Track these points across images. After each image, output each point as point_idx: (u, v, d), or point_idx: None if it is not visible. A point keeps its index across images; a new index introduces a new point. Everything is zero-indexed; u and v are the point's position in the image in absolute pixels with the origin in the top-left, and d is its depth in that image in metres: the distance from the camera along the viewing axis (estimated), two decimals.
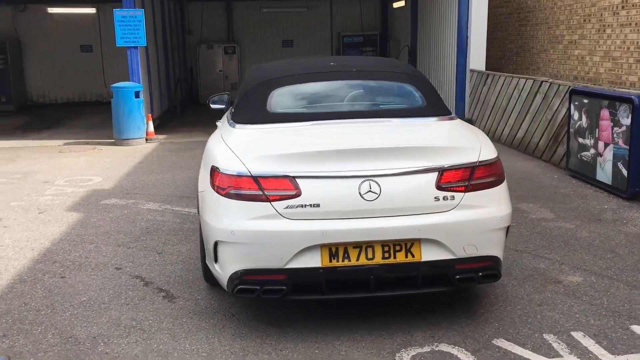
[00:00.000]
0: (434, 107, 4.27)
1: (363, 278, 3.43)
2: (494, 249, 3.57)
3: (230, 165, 3.51)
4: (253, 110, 4.16)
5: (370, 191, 3.36)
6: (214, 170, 3.60)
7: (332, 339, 3.56)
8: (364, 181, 3.38)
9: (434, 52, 12.97)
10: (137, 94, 10.58)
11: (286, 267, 3.36)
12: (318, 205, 3.36)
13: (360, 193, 3.36)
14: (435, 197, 3.43)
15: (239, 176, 3.44)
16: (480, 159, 3.56)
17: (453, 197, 3.45)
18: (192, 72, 17.94)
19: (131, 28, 10.77)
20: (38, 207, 6.62)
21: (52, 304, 4.13)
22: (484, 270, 3.56)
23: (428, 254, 3.43)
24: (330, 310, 3.89)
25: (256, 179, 3.40)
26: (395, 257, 3.40)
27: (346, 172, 3.39)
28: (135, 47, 10.87)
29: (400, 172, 3.43)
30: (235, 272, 3.43)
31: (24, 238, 5.55)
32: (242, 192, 3.41)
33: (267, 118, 4.08)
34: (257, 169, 3.43)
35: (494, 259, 3.57)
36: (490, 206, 3.54)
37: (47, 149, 10.43)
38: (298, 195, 3.36)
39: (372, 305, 3.91)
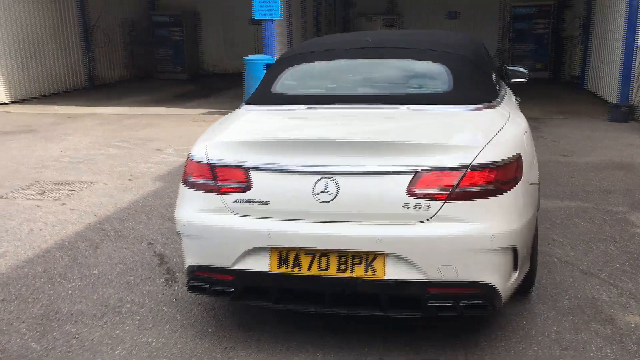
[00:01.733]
0: (463, 93, 3.56)
1: (316, 290, 2.98)
2: (484, 275, 2.88)
3: (197, 150, 3.24)
4: (261, 90, 3.83)
5: (325, 191, 2.87)
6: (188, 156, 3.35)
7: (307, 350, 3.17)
8: (321, 179, 2.89)
9: (603, 26, 11.31)
10: (267, 67, 10.64)
11: (234, 267, 3.02)
12: (267, 203, 2.96)
13: (314, 193, 2.89)
14: (404, 205, 2.83)
15: (199, 163, 3.15)
16: (475, 161, 2.86)
17: (428, 207, 2.82)
18: None
19: (268, 1, 10.82)
20: (132, 174, 6.93)
21: (66, 274, 4.22)
22: (467, 299, 2.88)
23: (393, 272, 2.86)
24: (316, 318, 3.47)
25: (212, 167, 3.09)
26: (352, 271, 2.89)
27: (300, 167, 2.93)
28: (271, 20, 10.91)
29: (363, 172, 2.88)
30: (189, 266, 3.18)
31: (97, 203, 5.82)
32: (197, 180, 3.12)
33: (269, 99, 3.72)
34: (215, 156, 3.11)
35: (482, 287, 2.88)
36: (479, 221, 2.84)
37: (184, 117, 10.97)
38: (248, 189, 2.99)
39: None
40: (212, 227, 3.03)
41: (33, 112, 12.02)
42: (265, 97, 3.74)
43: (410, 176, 2.84)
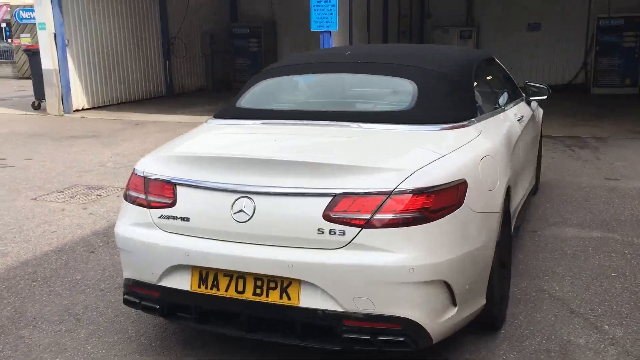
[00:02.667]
0: (425, 112, 3.36)
1: (233, 313, 2.87)
2: (404, 310, 2.66)
3: (139, 164, 3.23)
4: (229, 104, 3.79)
5: (242, 211, 2.77)
6: None
7: None
8: (239, 198, 2.79)
9: None
10: None
11: (159, 284, 2.98)
12: (188, 220, 2.89)
13: (231, 212, 2.79)
14: (319, 230, 2.67)
15: (137, 176, 3.15)
16: (400, 187, 2.66)
17: (343, 233, 2.65)
18: None
19: (325, 13, 10.80)
20: None
21: (50, 277, 4.36)
22: (385, 334, 2.68)
23: (308, 300, 2.71)
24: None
25: (146, 181, 3.07)
26: (267, 296, 2.76)
27: (220, 185, 2.85)
28: (328, 32, 10.88)
29: (280, 192, 2.75)
30: (125, 279, 3.18)
31: (116, 209, 5.99)
32: (134, 194, 3.12)
33: (231, 113, 3.68)
34: (150, 170, 3.10)
35: (402, 322, 2.66)
36: (398, 251, 2.63)
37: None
38: (173, 204, 2.94)
39: None
40: (140, 242, 3.01)
41: (105, 118, 12.65)
42: (229, 111, 3.69)
43: (328, 199, 2.68)
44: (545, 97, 5.22)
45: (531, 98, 5.19)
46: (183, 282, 2.91)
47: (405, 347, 2.71)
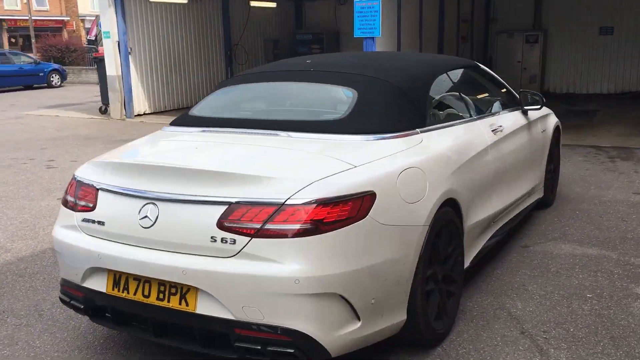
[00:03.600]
0: (359, 121, 3.31)
1: (141, 317, 2.95)
2: (295, 321, 2.64)
3: (79, 168, 3.39)
4: (185, 112, 3.89)
5: (146, 217, 2.85)
6: None
7: None
8: (146, 204, 2.87)
9: None
10: None
11: (82, 284, 3.11)
12: (103, 224, 3.01)
13: (138, 217, 2.87)
14: (212, 238, 2.70)
15: (73, 180, 3.30)
16: (293, 197, 2.64)
17: (234, 242, 2.67)
18: (491, 62, 16.91)
19: (368, 19, 10.75)
20: None
21: (36, 274, 4.62)
22: (275, 345, 2.67)
23: (204, 307, 2.74)
24: None
25: (78, 185, 3.22)
26: (169, 301, 2.82)
27: (131, 191, 2.94)
28: (371, 38, 10.82)
29: (180, 200, 2.80)
30: (60, 279, 3.33)
31: None
32: (67, 197, 3.27)
33: (182, 121, 3.77)
34: (82, 174, 3.24)
35: (292, 334, 2.64)
36: (286, 262, 2.61)
37: None
38: (93, 209, 3.07)
39: None
40: (66, 243, 3.15)
41: (163, 122, 13.14)
42: (182, 119, 3.79)
43: (223, 208, 2.71)
44: (539, 107, 4.98)
45: (525, 108, 4.96)
46: (101, 284, 3.02)
47: (294, 359, 2.69)
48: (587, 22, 15.65)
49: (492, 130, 4.22)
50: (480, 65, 4.77)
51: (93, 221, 3.05)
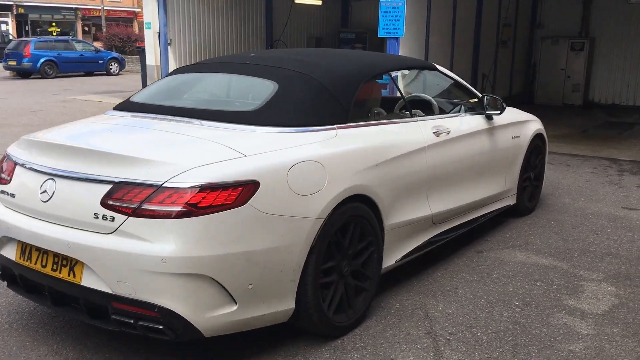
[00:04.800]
0: (272, 114, 3.41)
1: (40, 285, 3.15)
2: (163, 299, 2.77)
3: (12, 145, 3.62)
4: (129, 97, 4.08)
5: (45, 191, 3.05)
6: None
7: None
8: (47, 179, 3.08)
9: None
10: None
11: (0, 252, 3.33)
12: (14, 196, 3.23)
13: (39, 191, 3.07)
14: (95, 214, 2.87)
15: (4, 154, 3.53)
16: (170, 181, 2.78)
17: (113, 219, 2.82)
18: (534, 69, 16.50)
19: (392, 19, 10.73)
20: None
21: None
22: (144, 320, 2.81)
23: (88, 279, 2.91)
24: None
25: (5, 158, 3.45)
26: (60, 272, 3.01)
27: (35, 166, 3.16)
28: (395, 39, 10.81)
29: (72, 177, 2.99)
30: None
31: None
32: None
33: (121, 106, 3.95)
34: (10, 150, 3.48)
35: (160, 311, 2.78)
36: (156, 241, 2.75)
37: None
38: (9, 181, 3.29)
39: None
40: None
41: None
42: (122, 104, 3.97)
43: (108, 186, 2.87)
44: (499, 112, 4.91)
45: (487, 112, 4.90)
46: (12, 253, 3.24)
47: (164, 335, 2.83)
48: (637, 31, 15.04)
49: (435, 132, 4.22)
50: (439, 67, 4.75)
51: (7, 193, 3.27)
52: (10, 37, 34.11)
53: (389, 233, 3.77)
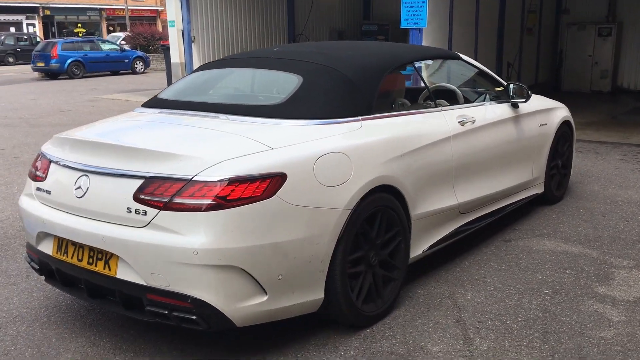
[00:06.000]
0: (297, 107, 3.45)
1: (76, 279, 3.24)
2: (196, 290, 2.84)
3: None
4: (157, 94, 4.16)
5: (80, 187, 3.13)
6: None
7: None
8: (81, 176, 3.16)
9: None
10: None
11: (37, 247, 3.43)
12: (49, 193, 3.32)
13: (74, 187, 3.16)
14: (127, 208, 2.94)
15: (39, 152, 3.63)
16: (199, 175, 2.84)
17: (145, 213, 2.89)
18: (561, 56, 16.27)
19: (415, 9, 10.69)
20: None
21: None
22: (178, 311, 2.88)
23: (123, 272, 2.99)
24: None
25: (38, 157, 3.55)
26: (96, 265, 3.10)
27: (70, 163, 3.24)
28: (417, 29, 10.76)
29: (105, 172, 3.07)
30: (26, 242, 3.68)
31: None
32: (31, 168, 3.61)
33: (150, 103, 4.03)
34: (43, 148, 3.57)
35: (193, 302, 2.84)
36: (188, 234, 2.81)
37: None
38: (45, 179, 3.38)
39: None
40: (23, 209, 3.50)
41: None
42: (151, 101, 4.05)
43: (140, 181, 2.94)
44: (524, 100, 4.88)
45: (513, 100, 4.88)
46: (49, 247, 3.33)
47: (197, 325, 2.89)
48: None
49: (460, 122, 4.22)
50: (462, 56, 4.74)
51: (43, 190, 3.37)
52: (38, 39, 34.68)
53: (416, 223, 3.79)
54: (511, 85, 4.88)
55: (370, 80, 3.75)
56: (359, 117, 3.55)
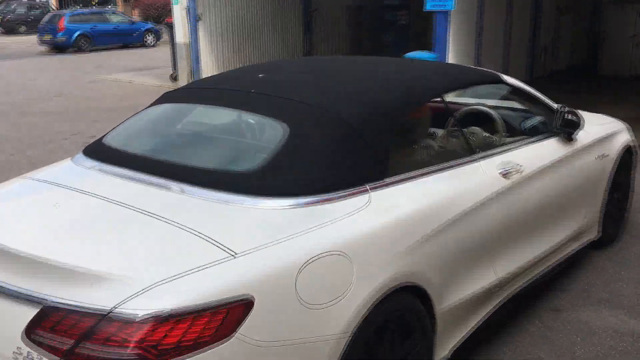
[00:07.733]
0: (277, 178, 2.45)
1: None
2: None
3: None
4: (102, 136, 3.16)
5: None
6: None
7: None
8: None
9: None
10: None
11: None
12: None
13: None
14: (17, 349, 1.99)
15: None
16: (122, 307, 1.87)
17: None
18: (599, 37, 14.91)
19: None
20: None
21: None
22: None
23: None
24: None
25: None
26: None
27: None
28: (443, 12, 9.59)
29: None
30: None
31: None
32: None
33: (92, 149, 3.04)
34: None
35: None
36: None
37: None
38: None
39: None
40: None
41: None
42: (92, 147, 3.06)
43: (36, 310, 1.98)
44: (576, 130, 3.81)
45: (565, 130, 3.78)
46: None
47: None
48: None
49: (502, 172, 3.19)
50: (505, 78, 3.66)
51: None
52: (52, 8, 33.69)
53: (442, 318, 2.81)
54: (563, 111, 3.76)
55: (383, 126, 2.73)
56: (367, 186, 2.54)
